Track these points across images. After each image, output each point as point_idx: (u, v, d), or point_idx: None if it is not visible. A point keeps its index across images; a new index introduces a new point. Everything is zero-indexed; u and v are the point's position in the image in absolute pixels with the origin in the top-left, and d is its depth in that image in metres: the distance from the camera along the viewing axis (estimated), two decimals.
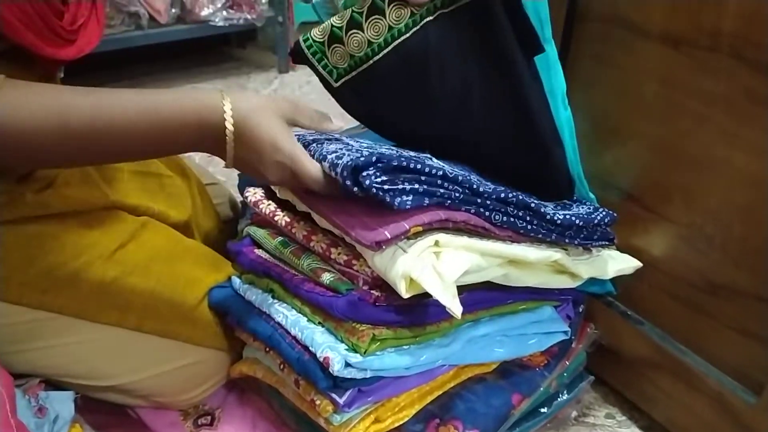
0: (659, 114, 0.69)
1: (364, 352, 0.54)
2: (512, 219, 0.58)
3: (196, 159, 1.52)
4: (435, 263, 0.51)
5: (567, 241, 0.62)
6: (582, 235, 0.63)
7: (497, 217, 0.56)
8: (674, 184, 0.69)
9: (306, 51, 0.69)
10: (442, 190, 0.53)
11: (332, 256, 0.59)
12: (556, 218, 0.60)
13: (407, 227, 0.51)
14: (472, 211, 0.55)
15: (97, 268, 0.66)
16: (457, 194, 0.54)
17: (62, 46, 0.62)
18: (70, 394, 0.65)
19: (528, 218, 0.58)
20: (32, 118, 0.49)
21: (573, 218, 0.61)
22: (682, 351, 0.73)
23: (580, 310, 0.76)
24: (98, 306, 0.66)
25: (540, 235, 0.59)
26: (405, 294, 0.51)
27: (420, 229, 0.52)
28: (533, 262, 0.59)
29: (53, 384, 0.71)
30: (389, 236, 0.50)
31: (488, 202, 0.56)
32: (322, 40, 0.68)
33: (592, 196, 0.74)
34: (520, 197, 0.58)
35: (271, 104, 0.56)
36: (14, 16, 0.56)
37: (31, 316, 0.64)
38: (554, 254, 0.60)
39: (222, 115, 0.54)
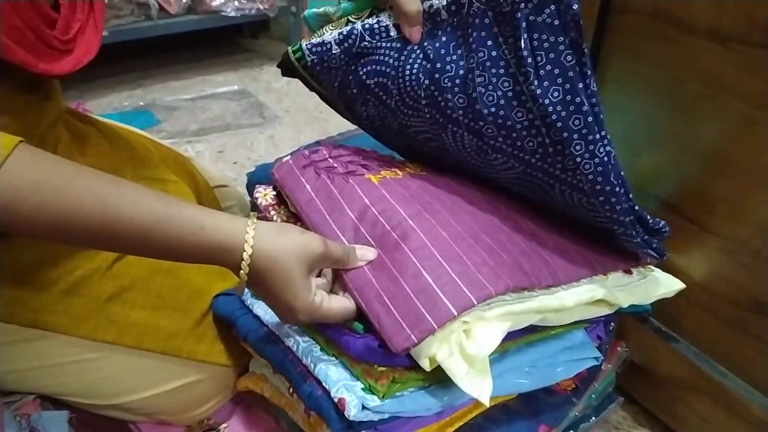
0: (703, 116, 0.63)
1: (383, 396, 0.49)
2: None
3: (206, 155, 1.49)
4: (464, 343, 0.46)
5: (634, 233, 0.55)
6: (645, 236, 0.57)
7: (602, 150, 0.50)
8: (718, 193, 0.64)
9: (296, 63, 0.64)
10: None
11: None
12: (633, 202, 0.54)
13: (435, 327, 0.46)
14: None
15: (93, 284, 0.62)
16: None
17: (57, 60, 0.57)
18: (64, 414, 0.61)
19: (618, 186, 0.52)
20: (26, 207, 0.41)
21: (643, 211, 0.56)
22: (723, 373, 0.68)
23: (611, 328, 0.70)
24: (95, 324, 0.63)
25: (617, 211, 0.52)
26: (429, 369, 0.47)
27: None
28: (572, 307, 0.54)
29: (50, 399, 0.68)
30: (416, 341, 0.46)
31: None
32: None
33: None
34: None
35: (298, 253, 0.48)
36: (3, 32, 0.50)
37: (23, 336, 0.61)
38: (595, 294, 0.55)
39: (239, 260, 0.46)
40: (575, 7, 0.47)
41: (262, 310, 0.62)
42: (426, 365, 0.47)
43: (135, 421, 0.71)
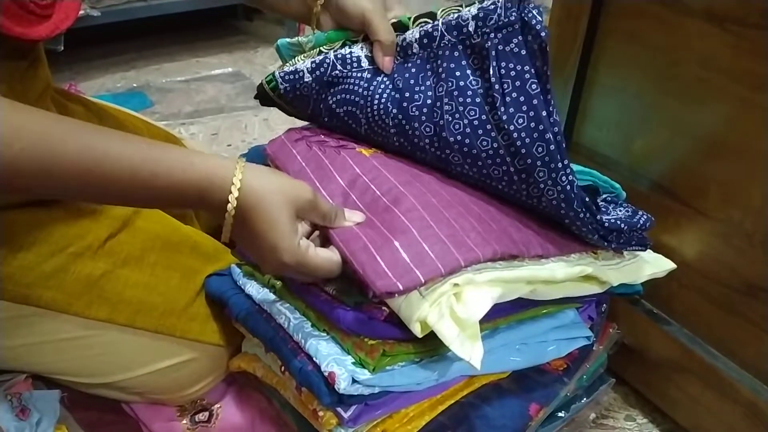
0: (698, 98, 0.63)
1: (373, 369, 0.49)
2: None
3: (200, 137, 1.48)
4: (454, 306, 0.46)
5: (605, 244, 0.57)
6: (621, 240, 0.58)
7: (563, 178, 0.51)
8: (712, 175, 0.64)
9: (271, 93, 0.66)
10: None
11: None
12: (603, 220, 0.55)
13: (422, 281, 0.46)
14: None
15: (86, 260, 0.62)
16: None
17: (34, 24, 0.55)
18: (56, 393, 0.61)
19: (582, 213, 0.53)
20: (10, 153, 0.41)
21: (618, 222, 0.57)
22: (713, 355, 0.68)
23: (603, 310, 0.71)
24: (87, 301, 0.62)
25: (583, 232, 0.54)
26: (420, 335, 0.47)
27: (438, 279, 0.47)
28: (562, 280, 0.54)
29: (43, 379, 0.67)
30: (401, 288, 0.45)
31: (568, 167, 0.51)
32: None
33: (617, 185, 0.68)
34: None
35: (286, 194, 0.47)
36: None
37: (15, 312, 0.60)
38: (585, 268, 0.55)
39: (227, 194, 0.46)
40: (543, 35, 0.49)
41: (254, 289, 0.62)
42: (417, 330, 0.46)
43: (127, 401, 0.71)
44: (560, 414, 0.69)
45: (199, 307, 0.68)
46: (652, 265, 0.63)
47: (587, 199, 0.53)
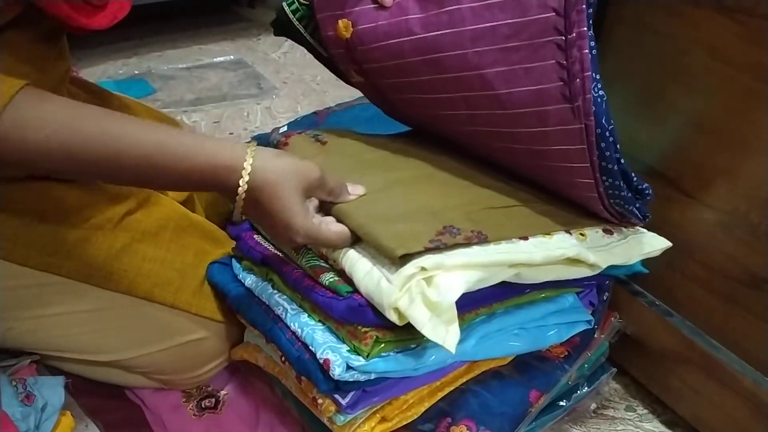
0: (705, 88, 0.62)
1: (367, 356, 0.50)
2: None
3: (202, 125, 1.48)
4: (426, 291, 0.46)
5: (621, 184, 0.55)
6: (630, 193, 0.57)
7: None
8: (717, 166, 0.63)
9: (291, 16, 0.65)
10: None
11: (330, 259, 0.55)
12: (618, 158, 0.55)
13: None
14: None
15: (106, 233, 0.64)
16: None
17: (94, 15, 0.59)
18: (60, 379, 0.61)
19: (608, 131, 0.53)
20: (37, 138, 0.46)
21: (629, 171, 0.57)
22: (715, 347, 0.68)
23: (605, 297, 0.71)
24: (108, 272, 0.64)
25: (606, 156, 0.54)
26: (399, 323, 0.48)
27: None
28: (542, 263, 0.53)
29: (46, 366, 0.68)
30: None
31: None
32: (309, 3, 0.63)
33: None
34: None
35: (296, 175, 0.50)
36: None
37: (37, 280, 0.62)
38: (566, 252, 0.54)
39: (238, 178, 0.49)
40: None
41: (252, 282, 0.63)
42: (395, 318, 0.47)
43: (132, 386, 0.72)
44: (561, 403, 0.69)
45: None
46: (645, 244, 0.62)
47: (612, 122, 0.53)
